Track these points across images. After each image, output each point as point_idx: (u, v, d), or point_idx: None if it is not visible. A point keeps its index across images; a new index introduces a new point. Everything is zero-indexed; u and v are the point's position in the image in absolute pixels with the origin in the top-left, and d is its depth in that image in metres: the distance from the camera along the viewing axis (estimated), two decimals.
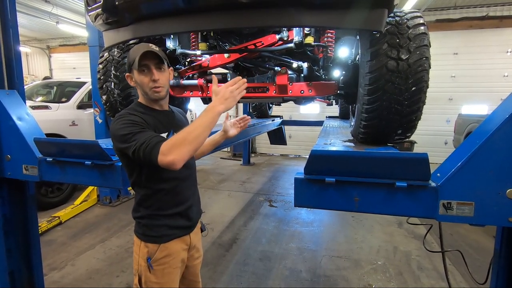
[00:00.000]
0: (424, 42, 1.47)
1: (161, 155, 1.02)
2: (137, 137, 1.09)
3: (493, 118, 1.12)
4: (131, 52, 1.24)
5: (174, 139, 1.05)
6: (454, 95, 7.69)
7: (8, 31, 1.83)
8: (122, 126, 1.13)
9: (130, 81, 1.28)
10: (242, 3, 1.33)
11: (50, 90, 5.42)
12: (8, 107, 1.75)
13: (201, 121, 1.06)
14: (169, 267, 1.29)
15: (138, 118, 1.17)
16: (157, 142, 1.05)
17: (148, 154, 1.05)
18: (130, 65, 1.23)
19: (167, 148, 1.03)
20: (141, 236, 1.29)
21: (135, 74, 1.23)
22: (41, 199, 4.07)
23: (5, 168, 1.81)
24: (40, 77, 10.33)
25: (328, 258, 3.03)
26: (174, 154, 1.01)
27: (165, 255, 1.27)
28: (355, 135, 1.88)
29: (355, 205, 1.17)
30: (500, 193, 1.04)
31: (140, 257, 1.28)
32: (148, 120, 1.21)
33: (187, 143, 1.03)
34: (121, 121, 1.15)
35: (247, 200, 4.84)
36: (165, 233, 1.28)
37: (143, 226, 1.29)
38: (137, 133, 1.11)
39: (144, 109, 1.27)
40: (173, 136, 1.07)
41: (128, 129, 1.12)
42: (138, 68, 1.20)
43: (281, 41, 2.05)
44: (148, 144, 1.05)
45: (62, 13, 8.09)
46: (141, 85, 1.24)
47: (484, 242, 3.37)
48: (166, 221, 1.28)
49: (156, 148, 1.04)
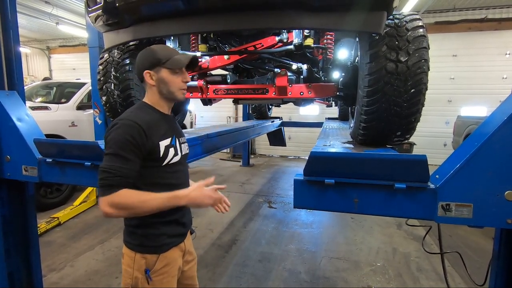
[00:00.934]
0: (423, 44, 1.48)
1: (106, 200, 1.04)
2: (111, 161, 1.07)
3: (492, 120, 1.13)
4: (158, 50, 1.20)
5: (129, 199, 1.05)
6: (453, 97, 7.71)
7: (8, 32, 1.83)
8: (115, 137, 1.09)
9: (149, 78, 1.20)
10: (242, 5, 1.34)
11: (50, 90, 5.41)
12: (8, 108, 1.75)
13: (162, 204, 1.09)
14: (168, 276, 1.24)
15: (138, 132, 1.10)
16: (114, 185, 1.04)
17: (101, 186, 1.05)
18: (158, 63, 1.18)
19: (116, 202, 1.04)
20: (137, 247, 1.21)
21: (165, 73, 1.19)
22: (40, 200, 4.06)
23: (5, 168, 1.81)
24: (40, 77, 10.31)
25: (327, 259, 3.03)
26: (116, 212, 1.05)
27: (164, 265, 1.23)
28: (355, 136, 1.89)
29: (355, 206, 1.18)
30: (498, 195, 1.05)
31: (135, 270, 1.20)
32: (155, 124, 1.18)
33: (133, 212, 1.08)
34: (119, 131, 1.10)
35: (247, 201, 4.84)
36: (164, 242, 1.23)
37: (140, 236, 1.21)
38: (115, 156, 1.07)
39: (152, 111, 1.23)
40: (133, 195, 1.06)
41: (116, 144, 1.08)
42: (173, 67, 1.18)
43: (280, 43, 2.06)
44: (107, 179, 1.05)
45: (62, 14, 8.10)
46: (170, 84, 1.20)
47: (483, 244, 3.37)
48: (164, 230, 1.23)
49: (108, 190, 1.04)
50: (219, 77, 2.41)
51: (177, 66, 1.20)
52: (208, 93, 2.33)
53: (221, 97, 2.39)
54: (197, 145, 2.28)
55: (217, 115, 9.41)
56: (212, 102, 2.66)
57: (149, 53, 1.20)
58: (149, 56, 1.20)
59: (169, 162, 1.22)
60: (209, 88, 2.32)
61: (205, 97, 2.36)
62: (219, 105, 5.83)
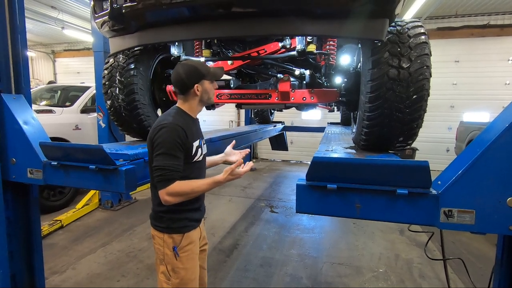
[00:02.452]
0: (425, 51, 1.49)
1: (166, 191, 1.29)
2: (165, 159, 1.30)
3: (494, 126, 1.14)
4: (199, 66, 1.42)
5: (183, 188, 1.31)
6: (455, 102, 7.69)
7: (16, 37, 1.86)
8: (167, 138, 1.31)
9: (196, 90, 1.42)
10: (246, 13, 1.36)
11: (54, 94, 5.47)
12: (14, 111, 1.78)
13: (206, 189, 1.37)
14: (192, 253, 1.47)
15: (182, 134, 1.34)
16: (173, 178, 1.29)
17: (159, 181, 1.30)
18: (203, 77, 1.42)
19: (175, 191, 1.29)
20: (165, 229, 1.43)
21: (206, 84, 1.44)
22: (43, 202, 4.08)
23: (10, 171, 1.83)
24: (45, 81, 10.43)
25: (329, 265, 3.02)
26: (174, 199, 1.31)
27: (188, 243, 1.45)
28: (357, 142, 1.89)
29: (357, 211, 1.18)
30: (500, 201, 1.05)
31: (165, 248, 1.42)
32: (189, 127, 1.40)
33: (187, 197, 1.35)
34: (169, 133, 1.32)
35: (248, 206, 4.83)
36: (187, 224, 1.46)
37: (167, 220, 1.43)
38: (168, 155, 1.30)
39: (185, 115, 1.45)
40: (185, 184, 1.32)
41: (168, 145, 1.30)
42: (214, 79, 1.48)
43: (283, 48, 2.08)
44: (165, 175, 1.29)
45: (67, 18, 8.20)
46: (209, 92, 1.47)
47: (486, 250, 3.34)
48: (187, 215, 1.46)
49: (167, 183, 1.29)
50: (222, 82, 2.43)
51: (216, 78, 1.50)
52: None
53: (225, 102, 2.41)
54: None
55: (220, 119, 9.43)
56: (215, 107, 2.68)
57: (193, 69, 1.41)
58: (195, 72, 1.42)
59: (197, 159, 1.46)
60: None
61: None
62: (222, 109, 5.86)
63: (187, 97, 1.45)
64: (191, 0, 1.33)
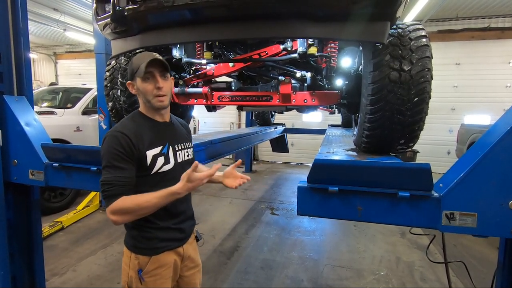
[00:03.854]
0: (426, 53, 1.49)
1: (109, 209, 1.10)
2: (106, 173, 1.13)
3: (495, 129, 1.13)
4: (134, 60, 1.23)
5: (126, 204, 1.09)
6: (456, 105, 7.69)
7: (19, 39, 1.88)
8: (106, 149, 1.15)
9: (131, 89, 1.26)
10: (247, 15, 1.37)
11: (56, 96, 5.48)
12: (16, 113, 1.79)
13: (158, 203, 1.10)
14: (161, 278, 1.26)
15: (125, 142, 1.15)
16: (115, 194, 1.10)
17: (103, 198, 1.13)
18: (133, 73, 1.21)
19: (117, 208, 1.09)
20: (131, 247, 1.26)
21: (138, 82, 1.21)
22: (44, 204, 4.08)
23: (12, 172, 1.83)
24: (46, 83, 10.46)
25: (330, 267, 3.01)
26: (120, 218, 1.11)
27: (156, 267, 1.25)
28: (358, 144, 1.89)
29: (358, 214, 1.18)
30: (502, 204, 1.05)
31: (130, 269, 1.25)
32: (143, 134, 1.21)
33: (134, 215, 1.12)
34: (109, 143, 1.15)
35: (249, 208, 4.83)
36: (156, 246, 1.25)
37: (133, 237, 1.26)
38: (109, 168, 1.13)
39: (143, 120, 1.26)
40: (129, 200, 1.10)
41: (108, 156, 1.14)
42: (143, 75, 1.18)
43: (285, 51, 2.08)
44: (108, 190, 1.11)
45: (69, 20, 8.25)
46: (145, 93, 1.22)
47: (488, 254, 3.33)
48: (157, 234, 1.25)
49: (110, 200, 1.10)
50: (223, 84, 2.44)
51: (139, 74, 1.19)
52: (212, 100, 2.35)
53: (226, 104, 2.41)
54: (201, 151, 2.30)
55: (220, 121, 9.45)
56: (216, 109, 2.69)
57: (129, 63, 1.25)
58: (129, 67, 1.24)
59: (158, 171, 1.22)
60: (214, 95, 2.35)
61: (210, 104, 2.38)
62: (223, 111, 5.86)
63: None
64: (193, 3, 1.33)
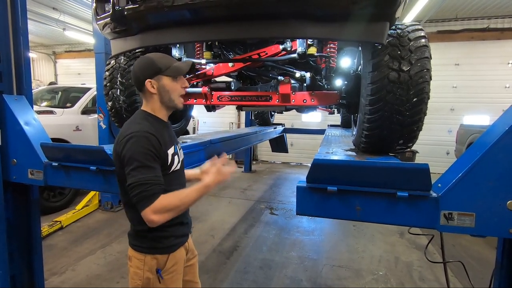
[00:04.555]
0: (425, 54, 1.50)
1: (151, 209, 1.06)
2: (141, 173, 1.08)
3: (494, 129, 1.14)
4: (158, 59, 1.22)
5: (171, 201, 1.10)
6: (455, 105, 7.71)
7: (18, 38, 1.87)
8: (137, 150, 1.10)
9: (150, 87, 1.21)
10: (247, 15, 1.37)
11: (55, 95, 5.48)
12: (16, 112, 1.79)
13: (196, 197, 1.15)
14: (177, 274, 1.32)
15: (155, 142, 1.14)
16: (156, 193, 1.08)
17: (139, 200, 1.07)
18: (159, 71, 1.20)
19: (160, 207, 1.07)
20: (146, 249, 1.25)
21: (166, 80, 1.21)
22: (43, 203, 4.07)
23: (11, 172, 1.83)
24: (46, 82, 10.44)
25: (329, 267, 3.01)
26: (163, 216, 1.08)
27: (173, 264, 1.29)
28: (357, 144, 1.90)
29: (357, 214, 1.19)
30: (500, 204, 1.05)
31: (146, 271, 1.24)
32: (162, 133, 1.21)
33: (177, 211, 1.12)
34: (139, 144, 1.10)
35: (248, 208, 4.83)
36: (174, 243, 1.30)
37: (150, 239, 1.25)
38: (144, 168, 1.09)
39: (155, 120, 1.25)
40: (172, 196, 1.11)
41: (140, 157, 1.09)
42: (174, 74, 1.22)
43: (284, 51, 2.08)
44: (147, 190, 1.07)
45: (69, 20, 8.23)
46: (172, 92, 1.23)
47: (486, 254, 3.34)
48: (172, 231, 1.29)
49: (150, 200, 1.06)
50: (223, 84, 2.44)
51: (178, 73, 1.24)
52: (212, 99, 2.35)
53: (225, 104, 2.42)
54: (201, 151, 2.30)
55: (220, 121, 9.45)
56: (216, 109, 2.69)
57: (148, 62, 1.21)
58: (149, 65, 1.21)
59: (174, 169, 1.27)
60: (213, 94, 2.35)
61: (209, 103, 2.38)
62: (222, 111, 5.87)
63: (146, 96, 1.25)
64: (192, 3, 1.33)
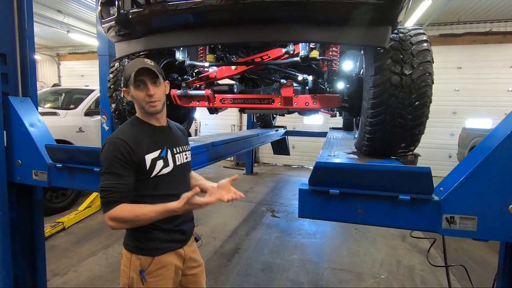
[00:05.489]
0: (427, 58, 1.50)
1: (107, 216, 1.14)
2: (104, 179, 1.17)
3: (496, 133, 1.14)
4: (126, 68, 1.27)
5: (125, 214, 1.13)
6: (458, 108, 7.69)
7: (25, 41, 1.90)
8: (105, 156, 1.18)
9: (127, 95, 1.29)
10: (250, 19, 1.38)
11: (59, 96, 5.52)
12: (21, 114, 1.81)
13: (155, 217, 1.14)
14: (163, 279, 1.28)
15: (124, 148, 1.17)
16: (114, 201, 1.14)
17: (102, 204, 1.17)
18: (126, 81, 1.25)
19: (116, 216, 1.13)
20: (133, 248, 1.27)
21: (132, 89, 1.25)
22: (45, 204, 4.08)
23: (15, 173, 1.85)
24: (49, 84, 10.52)
25: (330, 270, 3.00)
26: (117, 225, 1.15)
27: (158, 268, 1.26)
28: (359, 147, 1.90)
29: (359, 217, 1.19)
30: (502, 208, 1.05)
31: (131, 270, 1.26)
32: (142, 138, 1.24)
33: (131, 224, 1.18)
34: (108, 150, 1.18)
35: (250, 210, 4.83)
36: (158, 247, 1.27)
37: (135, 239, 1.27)
38: (108, 174, 1.16)
39: (141, 125, 1.29)
40: (127, 209, 1.14)
41: (107, 163, 1.17)
42: (134, 83, 1.22)
43: (287, 54, 2.10)
44: (106, 197, 1.15)
45: (73, 22, 8.30)
46: (138, 100, 1.25)
47: (488, 258, 3.32)
48: (158, 235, 1.27)
49: (109, 207, 1.14)
50: (226, 87, 2.45)
51: (130, 82, 1.23)
52: (215, 102, 2.37)
53: (228, 106, 2.43)
54: (203, 153, 2.31)
55: (222, 123, 9.47)
56: (218, 111, 2.70)
57: (123, 71, 1.28)
58: (123, 75, 1.27)
59: (157, 174, 1.26)
60: (216, 97, 2.37)
61: (212, 106, 2.40)
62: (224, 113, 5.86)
63: None
64: (196, 7, 1.35)
